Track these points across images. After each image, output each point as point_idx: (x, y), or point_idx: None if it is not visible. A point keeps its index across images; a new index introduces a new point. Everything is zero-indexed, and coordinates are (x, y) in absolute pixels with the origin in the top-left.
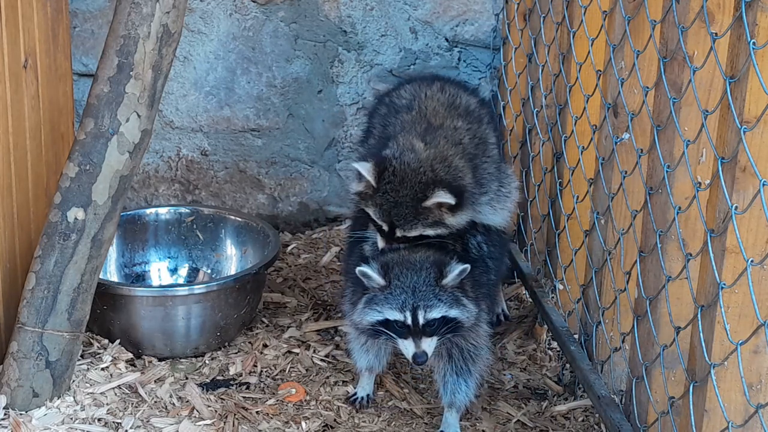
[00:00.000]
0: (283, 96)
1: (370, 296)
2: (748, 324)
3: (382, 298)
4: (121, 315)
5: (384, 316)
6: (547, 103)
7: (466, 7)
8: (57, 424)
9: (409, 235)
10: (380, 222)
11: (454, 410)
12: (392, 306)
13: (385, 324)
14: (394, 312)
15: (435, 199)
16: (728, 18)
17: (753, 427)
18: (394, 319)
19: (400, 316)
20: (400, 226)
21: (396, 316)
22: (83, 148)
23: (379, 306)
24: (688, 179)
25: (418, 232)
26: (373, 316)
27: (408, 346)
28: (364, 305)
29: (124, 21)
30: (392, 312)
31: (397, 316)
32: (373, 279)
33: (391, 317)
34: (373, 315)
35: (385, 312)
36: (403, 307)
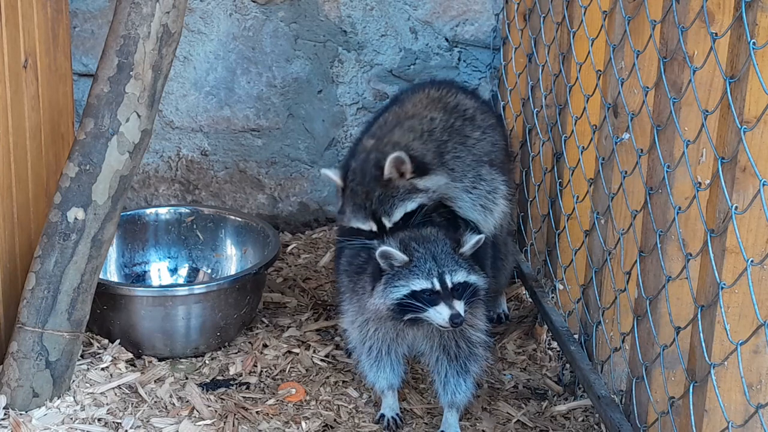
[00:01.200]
0: (283, 96)
1: (390, 275)
2: (748, 324)
3: (405, 272)
4: (121, 315)
5: (410, 288)
6: (547, 103)
7: (466, 7)
8: (57, 424)
9: (394, 218)
10: (366, 224)
11: (454, 410)
12: (418, 276)
13: (413, 296)
14: (421, 281)
15: (389, 164)
16: (728, 18)
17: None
18: (422, 288)
19: (427, 283)
20: (381, 212)
21: (423, 285)
22: (83, 148)
23: (403, 280)
24: (688, 179)
25: (401, 210)
26: (399, 291)
27: (442, 310)
28: (385, 285)
29: (124, 21)
30: (419, 282)
31: (424, 284)
32: (396, 256)
33: (419, 287)
34: (398, 291)
35: (411, 284)
36: (429, 275)
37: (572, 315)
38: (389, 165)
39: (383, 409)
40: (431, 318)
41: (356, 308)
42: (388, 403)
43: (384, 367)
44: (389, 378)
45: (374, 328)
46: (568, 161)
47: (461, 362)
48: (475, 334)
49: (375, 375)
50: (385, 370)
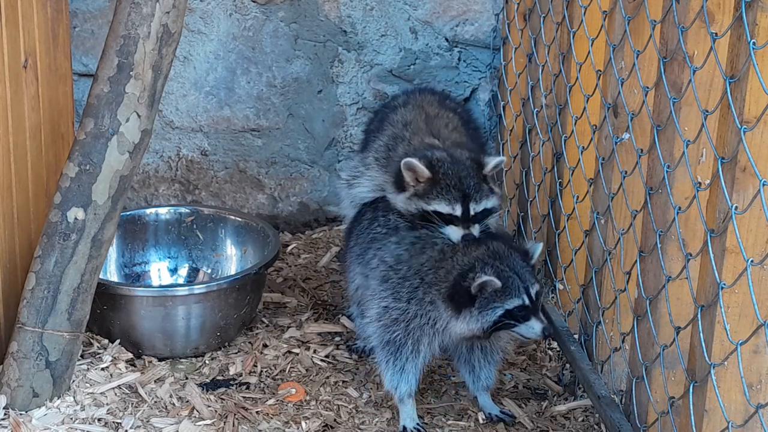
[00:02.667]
0: (283, 96)
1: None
2: (748, 324)
3: (498, 294)
4: (121, 315)
5: (505, 308)
6: (547, 103)
7: (466, 7)
8: (57, 424)
9: (480, 207)
10: (451, 207)
11: (488, 392)
12: (510, 295)
13: (508, 315)
14: (514, 300)
15: (494, 164)
16: (728, 18)
17: (753, 427)
18: (515, 306)
19: (519, 300)
20: (473, 198)
21: (517, 303)
22: (83, 148)
23: (497, 301)
24: (688, 179)
25: (486, 202)
26: (495, 313)
27: (534, 325)
28: (480, 309)
29: (124, 21)
30: (512, 300)
31: (517, 302)
32: (493, 284)
33: (512, 305)
34: (495, 312)
35: (506, 304)
36: (519, 292)
37: (572, 315)
38: (493, 164)
39: (404, 421)
40: (522, 332)
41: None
42: (408, 412)
43: (408, 373)
44: (410, 382)
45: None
46: (568, 161)
47: (490, 354)
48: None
49: (396, 378)
50: (407, 374)
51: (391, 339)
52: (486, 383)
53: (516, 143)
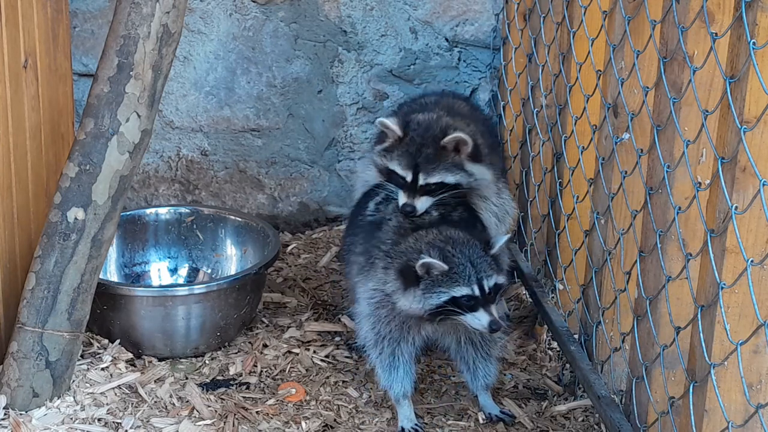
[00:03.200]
0: (283, 96)
1: (428, 281)
2: (748, 324)
3: (445, 279)
4: (121, 315)
5: (451, 295)
6: (547, 103)
7: (466, 7)
8: (57, 424)
9: (431, 180)
10: (403, 171)
11: (488, 392)
12: (458, 283)
13: (452, 302)
14: (462, 288)
15: (453, 135)
16: (728, 18)
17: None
18: (462, 294)
19: (467, 290)
20: (423, 169)
21: (464, 292)
22: (83, 148)
23: (443, 287)
24: (688, 179)
25: (440, 177)
26: (439, 298)
27: (481, 317)
28: (424, 291)
29: (124, 21)
30: (459, 288)
31: (465, 291)
32: (436, 267)
33: (459, 293)
34: (439, 297)
35: (451, 291)
36: (469, 281)
37: (572, 315)
38: (451, 138)
39: (401, 422)
40: (468, 322)
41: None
42: (405, 413)
43: (397, 369)
44: (404, 383)
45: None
46: (568, 161)
47: (485, 350)
48: None
49: (389, 378)
50: (399, 372)
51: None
52: (485, 381)
53: (516, 143)
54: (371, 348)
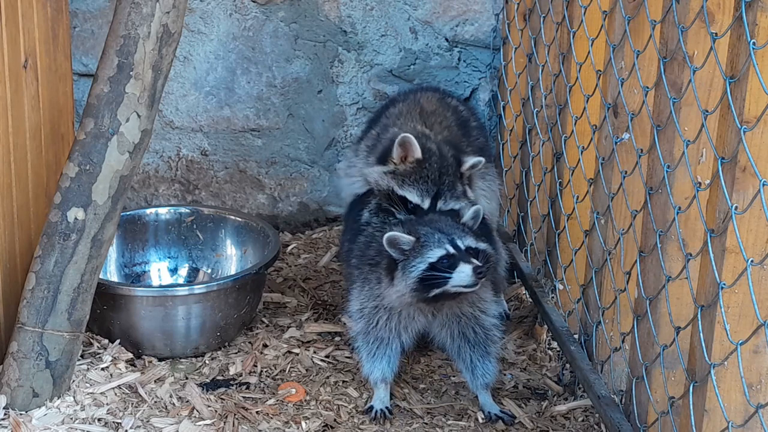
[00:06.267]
0: (283, 96)
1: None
2: (748, 324)
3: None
4: (121, 315)
5: (427, 261)
6: (547, 103)
7: (466, 7)
8: (57, 424)
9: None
10: (420, 199)
11: (487, 391)
12: (431, 248)
13: (432, 268)
14: (435, 251)
15: (470, 163)
16: (728, 18)
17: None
18: (438, 256)
19: (441, 251)
20: (443, 196)
21: (439, 253)
22: (83, 148)
23: (418, 258)
24: (688, 179)
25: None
26: (417, 268)
27: (463, 269)
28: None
29: (124, 21)
30: (433, 252)
31: (439, 252)
32: (401, 239)
33: (435, 257)
34: (417, 268)
35: (426, 257)
36: (440, 243)
37: (572, 315)
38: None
39: (374, 401)
40: (456, 282)
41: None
42: (380, 396)
43: (381, 359)
44: (384, 370)
45: (386, 317)
46: (568, 161)
47: (482, 347)
48: (487, 318)
49: (371, 364)
50: (381, 361)
51: (361, 327)
52: (483, 380)
53: (516, 143)
54: (360, 340)
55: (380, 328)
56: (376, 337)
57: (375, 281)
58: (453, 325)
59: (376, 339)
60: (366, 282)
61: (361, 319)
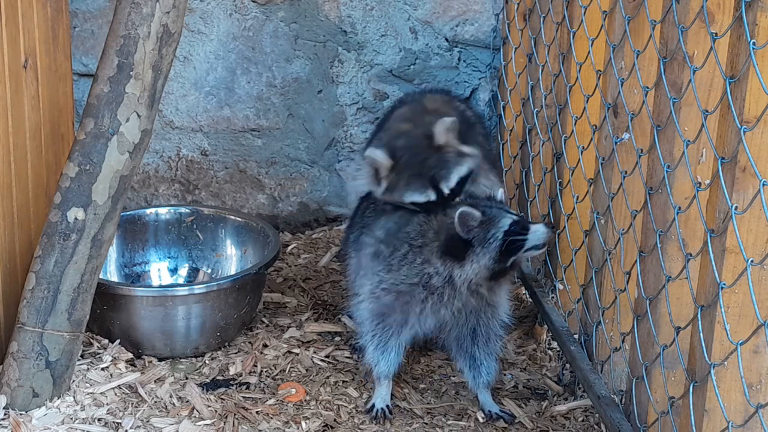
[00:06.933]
0: (283, 96)
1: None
2: (748, 324)
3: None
4: (121, 315)
5: (502, 230)
6: (547, 103)
7: (466, 7)
8: (57, 424)
9: (451, 182)
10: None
11: (488, 389)
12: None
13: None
14: (506, 219)
15: (439, 128)
16: (728, 18)
17: (753, 427)
18: (510, 223)
19: (510, 218)
20: (439, 176)
21: (511, 219)
22: (83, 148)
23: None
24: (688, 179)
25: (456, 173)
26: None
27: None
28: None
29: (124, 21)
30: (506, 220)
31: (511, 219)
32: (474, 214)
33: (508, 225)
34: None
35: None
36: (507, 213)
37: (572, 315)
38: (440, 128)
39: (375, 399)
40: (533, 242)
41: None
42: (382, 393)
43: (388, 350)
44: (390, 363)
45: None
46: (568, 161)
47: (487, 345)
48: (499, 317)
49: (377, 356)
50: (388, 354)
51: (381, 311)
52: (486, 378)
53: (516, 143)
54: (368, 327)
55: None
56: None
57: (420, 263)
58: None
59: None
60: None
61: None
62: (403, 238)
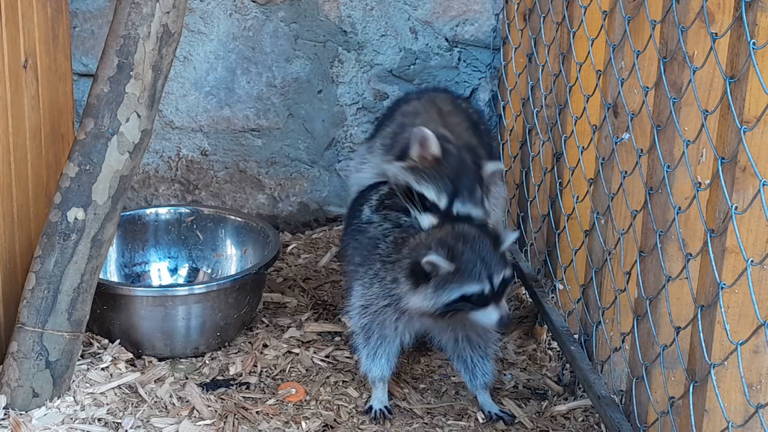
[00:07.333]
0: (283, 96)
1: (439, 279)
2: (748, 324)
3: (455, 276)
4: (121, 315)
5: (462, 292)
6: (547, 103)
7: (466, 7)
8: (57, 424)
9: (463, 211)
10: (438, 197)
11: (486, 390)
12: (469, 280)
13: (463, 299)
14: (473, 285)
15: (491, 168)
16: (728, 18)
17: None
18: (473, 292)
19: (479, 287)
20: (461, 196)
21: (475, 289)
22: (83, 148)
23: (454, 284)
24: (688, 179)
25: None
26: (450, 296)
27: (491, 312)
28: (435, 288)
29: (124, 21)
30: (471, 286)
31: (476, 288)
32: (441, 267)
33: (470, 291)
34: (450, 295)
35: (463, 288)
36: (480, 278)
37: (572, 315)
38: (491, 170)
39: (372, 401)
40: (477, 318)
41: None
42: (378, 395)
43: (380, 356)
44: (384, 368)
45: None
46: (568, 161)
47: (482, 347)
48: None
49: (370, 363)
50: (381, 360)
51: (364, 324)
52: (483, 380)
53: (516, 143)
54: (360, 337)
55: (385, 326)
56: (378, 335)
57: (390, 281)
58: (457, 329)
59: (379, 337)
60: (377, 279)
61: (364, 315)
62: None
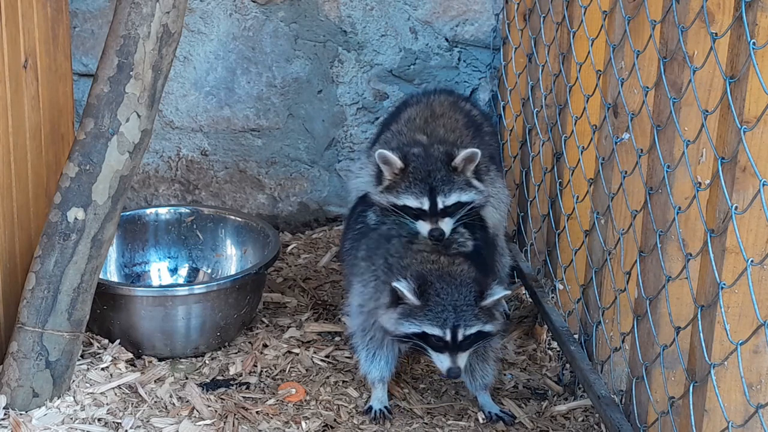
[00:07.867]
0: (283, 96)
1: (407, 307)
2: (748, 324)
3: (423, 312)
4: (121, 315)
5: (422, 330)
6: (547, 103)
7: (466, 7)
8: (57, 424)
9: (449, 200)
10: (419, 201)
11: (486, 392)
12: (433, 323)
13: (422, 336)
14: (435, 329)
15: (462, 155)
16: (728, 18)
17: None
18: (433, 334)
19: (440, 332)
20: (440, 190)
21: (436, 333)
22: (83, 148)
23: (417, 319)
24: (688, 179)
25: (456, 196)
26: (410, 328)
27: (443, 360)
28: (400, 315)
29: (124, 21)
30: (432, 328)
31: (437, 332)
32: (406, 298)
33: (430, 332)
34: (410, 327)
35: (424, 326)
36: (445, 325)
37: (572, 315)
38: (462, 156)
39: (372, 402)
40: (430, 356)
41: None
42: (378, 395)
43: (379, 358)
44: (382, 370)
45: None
46: (568, 161)
47: (482, 350)
48: None
49: (369, 365)
50: (379, 362)
51: (365, 326)
52: (483, 381)
53: (516, 143)
54: (358, 338)
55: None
56: (376, 336)
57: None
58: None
59: (377, 339)
60: (373, 280)
61: (360, 315)
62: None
